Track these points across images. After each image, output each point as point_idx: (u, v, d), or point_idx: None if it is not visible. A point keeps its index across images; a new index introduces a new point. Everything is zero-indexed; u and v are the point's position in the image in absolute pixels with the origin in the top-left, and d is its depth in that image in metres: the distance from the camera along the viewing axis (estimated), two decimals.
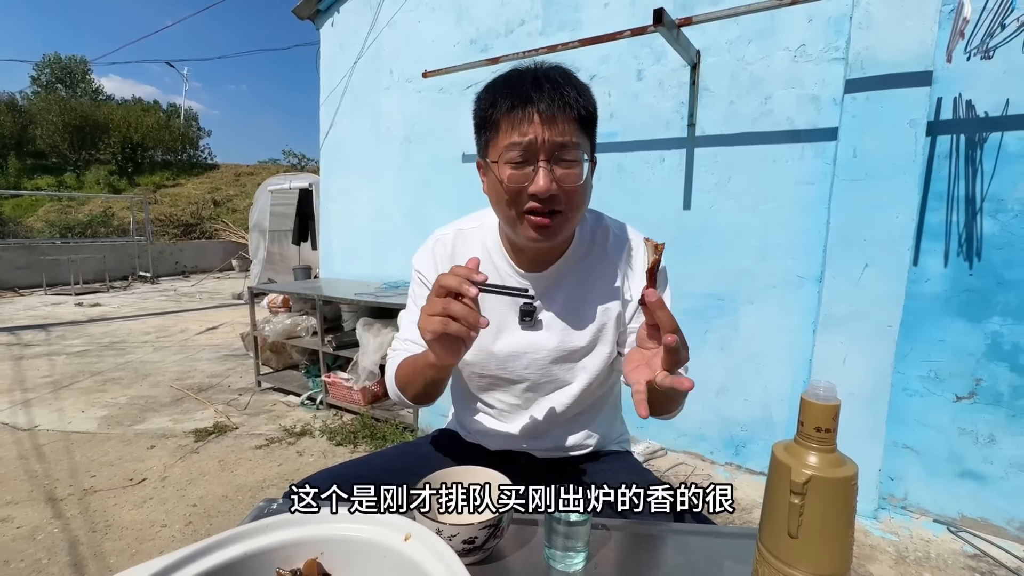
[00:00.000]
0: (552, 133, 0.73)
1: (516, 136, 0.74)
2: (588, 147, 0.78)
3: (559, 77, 0.76)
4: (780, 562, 0.52)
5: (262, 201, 7.71)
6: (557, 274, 0.88)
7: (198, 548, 0.44)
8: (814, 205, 2.18)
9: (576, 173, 0.76)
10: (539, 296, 0.88)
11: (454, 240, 0.93)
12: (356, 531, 0.47)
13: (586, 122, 0.77)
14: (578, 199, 0.78)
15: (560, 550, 0.60)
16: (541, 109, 0.72)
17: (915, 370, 2.03)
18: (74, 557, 1.75)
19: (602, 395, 0.97)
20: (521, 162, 0.75)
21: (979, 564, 1.79)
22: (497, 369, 0.91)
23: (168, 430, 2.88)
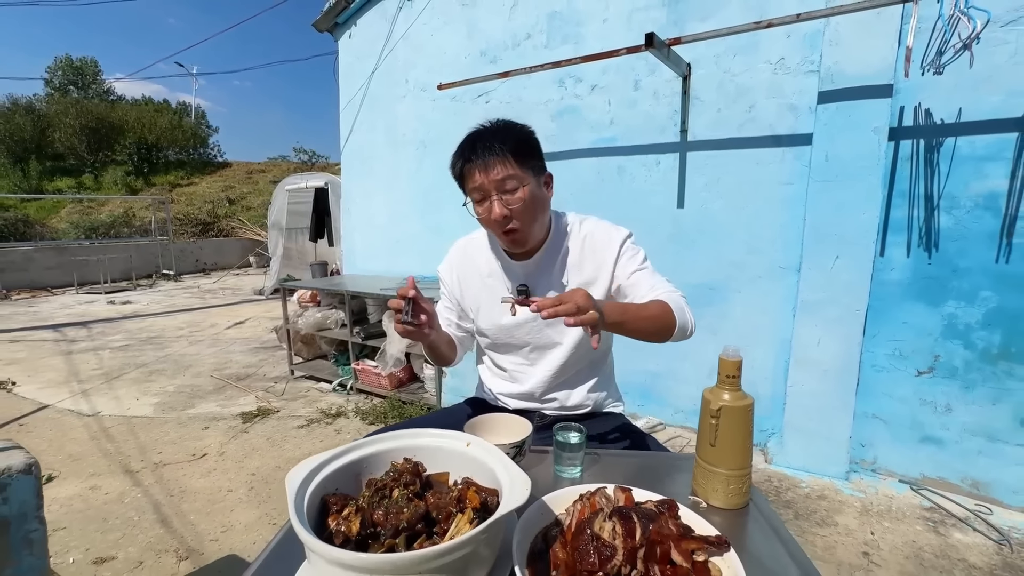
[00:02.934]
0: (490, 175, 1.03)
1: (471, 184, 1.06)
2: (529, 170, 1.06)
3: (494, 135, 1.05)
4: (707, 463, 0.81)
5: (280, 200, 8.02)
6: (539, 261, 1.18)
7: (341, 450, 0.73)
8: (794, 203, 2.43)
9: (518, 197, 1.05)
10: (530, 277, 1.19)
11: (466, 245, 1.29)
12: (434, 442, 0.76)
13: (519, 156, 1.04)
14: (529, 214, 1.07)
15: (565, 465, 0.89)
16: (478, 163, 1.04)
17: (881, 348, 2.29)
18: (159, 515, 2.09)
19: (593, 359, 1.24)
20: (481, 200, 1.07)
21: (932, 515, 2.06)
22: (506, 337, 1.23)
23: (217, 414, 3.21)
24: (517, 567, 0.60)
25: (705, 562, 0.62)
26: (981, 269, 2.08)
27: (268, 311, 6.82)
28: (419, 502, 0.64)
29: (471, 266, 1.26)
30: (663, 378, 2.87)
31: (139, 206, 15.02)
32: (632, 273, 1.14)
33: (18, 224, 12.87)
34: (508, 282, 1.21)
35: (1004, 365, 2.07)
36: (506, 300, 0.97)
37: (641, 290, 1.12)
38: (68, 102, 20.24)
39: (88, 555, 1.83)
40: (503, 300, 1.01)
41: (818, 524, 2.02)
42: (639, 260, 1.16)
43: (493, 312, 1.22)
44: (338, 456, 0.71)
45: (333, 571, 0.52)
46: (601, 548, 0.60)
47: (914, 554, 1.83)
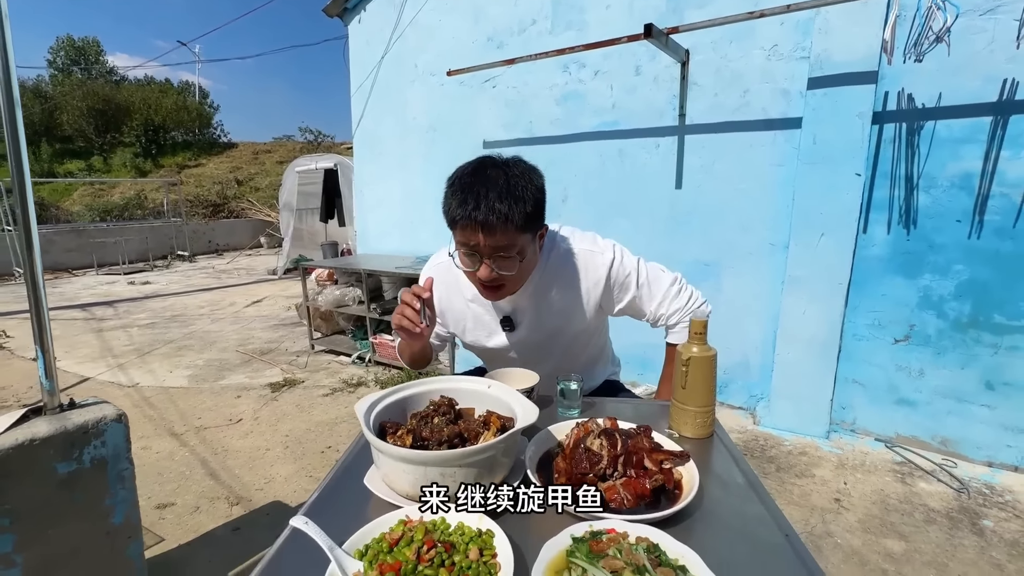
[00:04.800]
0: (488, 240, 0.96)
1: (464, 239, 1.00)
2: (530, 234, 1.01)
3: (504, 196, 0.94)
4: (679, 403, 1.01)
5: (290, 181, 8.20)
6: (521, 298, 1.16)
7: (390, 391, 0.94)
8: (784, 184, 2.58)
9: (511, 264, 1.00)
10: (513, 308, 1.19)
11: (449, 267, 1.18)
12: (462, 385, 0.97)
13: (525, 223, 0.97)
14: (517, 278, 1.05)
15: (565, 407, 1.10)
16: (480, 220, 0.94)
17: (862, 319, 2.47)
18: (208, 470, 2.34)
19: (590, 357, 1.36)
20: (470, 254, 1.02)
21: (901, 468, 2.28)
22: (493, 358, 1.31)
23: (247, 384, 3.47)
24: (529, 471, 0.81)
25: (670, 469, 0.82)
26: (955, 244, 2.24)
27: (283, 290, 7.07)
28: (453, 426, 0.84)
29: (455, 286, 1.22)
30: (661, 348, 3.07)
31: (150, 188, 15.24)
32: (630, 301, 1.19)
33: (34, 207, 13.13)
34: (492, 310, 1.21)
35: (973, 333, 2.25)
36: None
37: (645, 315, 1.22)
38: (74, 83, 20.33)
39: (150, 502, 2.09)
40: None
41: (797, 476, 2.24)
42: (633, 284, 1.17)
43: (479, 335, 1.24)
44: (389, 395, 0.92)
45: (398, 466, 0.74)
46: (591, 457, 0.81)
47: (880, 500, 2.05)
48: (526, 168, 1.02)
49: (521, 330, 1.22)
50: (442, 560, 0.60)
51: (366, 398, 0.88)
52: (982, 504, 2.02)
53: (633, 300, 1.20)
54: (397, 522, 0.69)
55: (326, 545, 0.62)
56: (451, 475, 0.73)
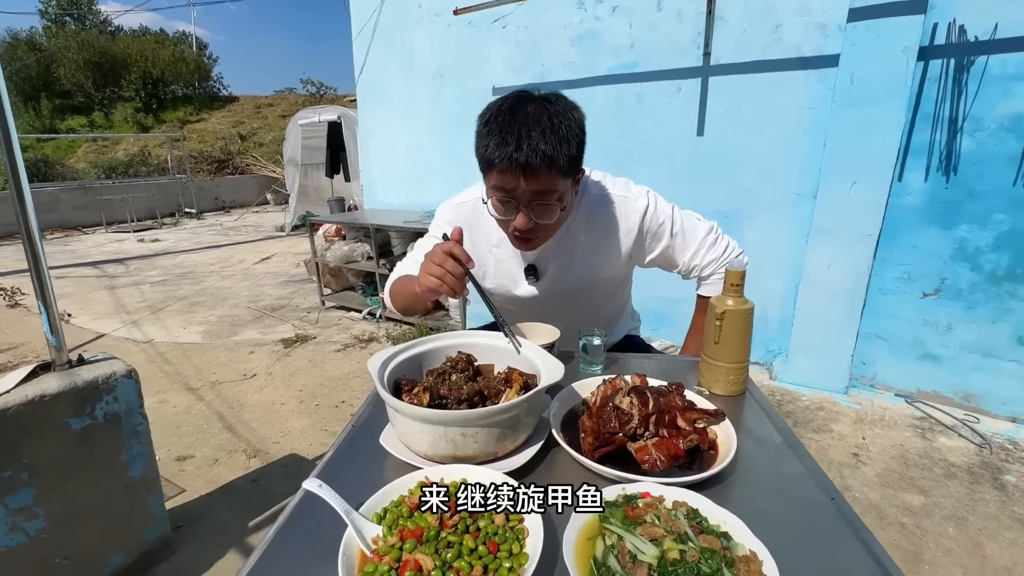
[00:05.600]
0: (530, 184, 0.88)
1: (501, 182, 0.90)
2: (570, 179, 0.92)
3: (546, 124, 0.85)
4: (710, 359, 0.95)
5: (293, 135, 7.98)
6: (549, 246, 1.08)
7: (405, 346, 0.88)
8: (814, 128, 2.42)
9: (550, 212, 0.93)
10: (538, 257, 1.11)
11: (473, 207, 1.11)
12: (481, 341, 0.91)
13: (568, 166, 0.88)
14: (553, 227, 0.99)
15: (588, 364, 1.04)
16: (522, 163, 0.85)
17: (890, 272, 2.37)
18: (225, 424, 2.37)
19: (610, 308, 1.30)
20: (505, 200, 0.93)
21: (921, 423, 2.24)
22: (516, 306, 1.21)
23: (260, 340, 3.48)
24: (554, 430, 0.77)
25: (704, 428, 0.77)
26: (998, 192, 2.11)
27: (292, 247, 7.03)
28: (473, 383, 0.79)
29: (480, 230, 1.13)
30: (679, 303, 2.99)
31: (153, 144, 15.01)
32: (662, 251, 1.11)
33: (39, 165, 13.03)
34: (517, 257, 1.13)
35: (1008, 286, 2.15)
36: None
37: (677, 267, 1.15)
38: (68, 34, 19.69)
39: (170, 454, 2.13)
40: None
41: (814, 431, 2.21)
42: (667, 233, 1.09)
43: (501, 282, 1.16)
44: (404, 350, 0.86)
45: (415, 426, 0.69)
46: (620, 416, 0.75)
47: (900, 455, 2.03)
48: (568, 104, 0.91)
49: (545, 280, 1.15)
50: (466, 526, 0.56)
51: (379, 354, 0.83)
52: (1004, 459, 1.98)
53: (666, 250, 1.12)
54: (416, 484, 0.65)
55: (342, 509, 0.58)
56: (472, 435, 0.68)
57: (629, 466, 0.72)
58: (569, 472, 0.73)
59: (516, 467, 0.70)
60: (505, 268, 1.16)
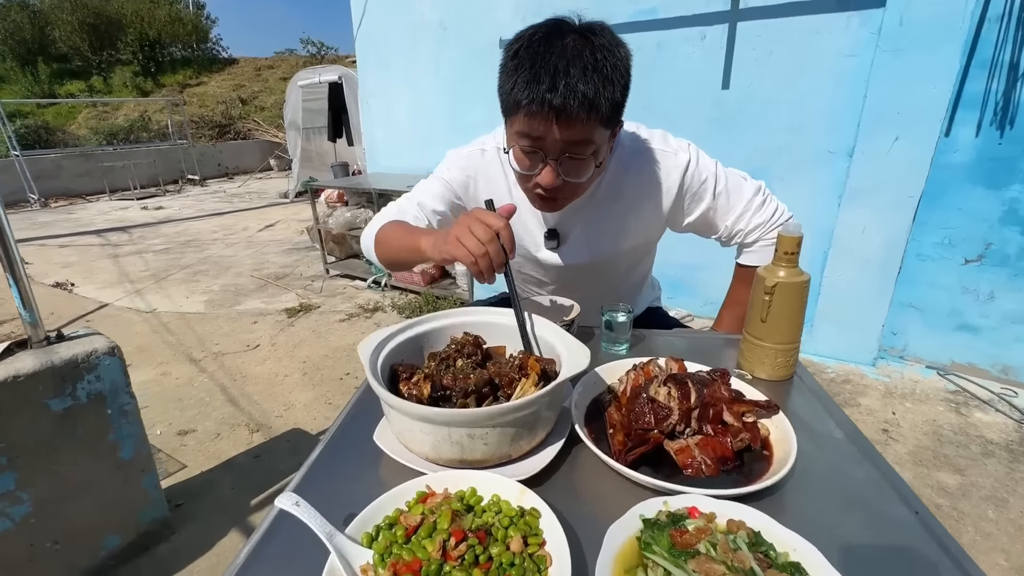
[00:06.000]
0: (564, 133, 0.73)
1: (528, 128, 0.74)
2: (605, 136, 0.78)
3: (588, 61, 0.70)
4: (754, 338, 0.82)
5: (293, 97, 7.71)
6: (574, 207, 0.93)
7: (403, 325, 0.77)
8: (853, 77, 2.20)
9: (583, 168, 0.79)
10: (561, 219, 0.97)
11: (492, 157, 0.98)
12: (490, 318, 0.79)
13: (610, 113, 0.74)
14: (583, 188, 0.85)
15: (612, 342, 0.92)
16: (556, 105, 0.69)
17: (930, 236, 2.20)
18: (227, 396, 2.31)
19: (633, 278, 1.17)
20: (531, 152, 0.78)
21: (955, 397, 2.12)
22: (533, 270, 1.08)
23: (263, 310, 3.40)
24: (577, 425, 0.65)
25: (755, 423, 0.65)
26: None
27: (296, 214, 6.90)
28: (482, 370, 0.67)
29: (496, 179, 0.98)
30: (695, 270, 2.85)
31: (153, 109, 14.71)
32: (702, 213, 0.96)
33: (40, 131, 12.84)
34: (538, 217, 0.99)
35: None
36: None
37: (717, 231, 1.00)
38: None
39: (171, 428, 2.07)
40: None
41: (841, 405, 2.10)
42: (709, 192, 0.94)
43: (522, 241, 1.02)
44: (402, 331, 0.75)
45: (415, 425, 0.58)
46: (657, 409, 0.64)
47: (933, 431, 1.92)
48: (613, 38, 0.74)
49: (567, 246, 1.01)
50: (475, 556, 0.45)
51: (372, 336, 0.71)
52: None
53: (706, 213, 0.98)
54: (415, 495, 0.54)
55: (324, 532, 0.47)
56: (482, 437, 0.56)
57: (666, 469, 0.61)
58: (595, 475, 0.62)
59: (534, 472, 0.59)
60: (523, 228, 1.01)
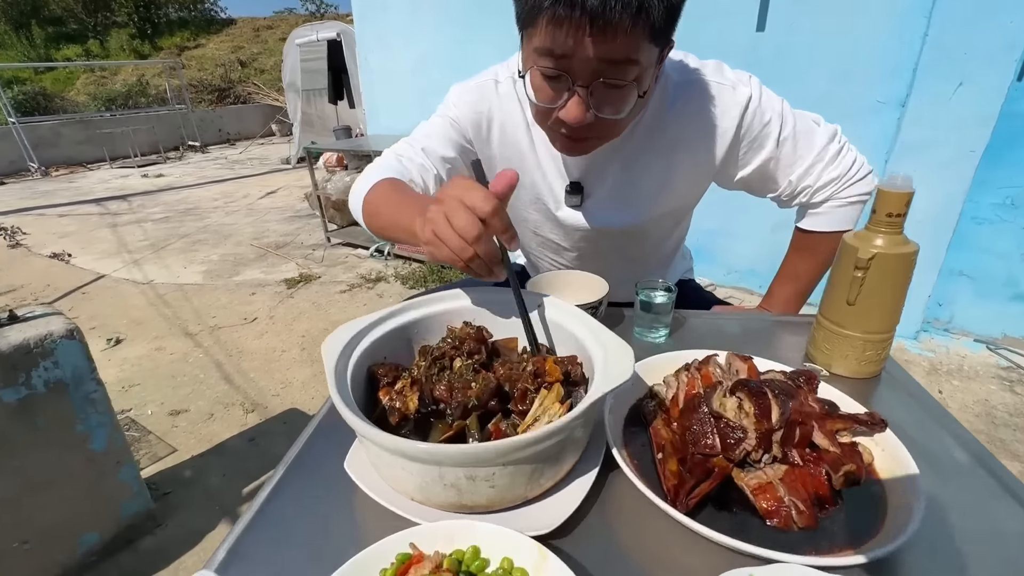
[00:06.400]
0: (600, 48, 0.54)
1: (552, 42, 0.55)
2: (653, 58, 0.59)
3: None
4: (835, 325, 0.64)
5: (291, 57, 7.36)
6: (605, 152, 0.74)
7: (387, 312, 0.60)
8: (911, 14, 1.92)
9: (623, 99, 0.59)
10: (586, 169, 0.79)
11: (509, 91, 0.79)
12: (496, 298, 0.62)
13: (662, 25, 0.55)
14: (620, 128, 0.66)
15: (647, 326, 0.75)
16: (591, 7, 0.51)
17: (989, 197, 1.97)
18: (222, 373, 2.19)
19: (666, 247, 0.99)
20: (554, 75, 0.59)
21: (1009, 374, 1.93)
22: (551, 232, 0.89)
23: (262, 280, 3.26)
24: (615, 450, 0.49)
25: (853, 444, 0.48)
26: None
27: (298, 180, 6.69)
28: (488, 374, 0.51)
29: (518, 121, 0.79)
30: (717, 236, 2.65)
31: (151, 73, 14.32)
32: (761, 165, 0.76)
33: (38, 98, 12.57)
34: (557, 163, 0.80)
35: None
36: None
37: (778, 188, 0.79)
38: None
39: (163, 408, 1.96)
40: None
41: None
42: (772, 138, 0.73)
43: (541, 195, 0.84)
44: (384, 320, 0.58)
45: (394, 461, 0.41)
46: (726, 429, 0.47)
47: (985, 412, 1.75)
48: None
49: (593, 204, 0.83)
50: None
51: (342, 328, 0.54)
52: None
53: (767, 164, 0.77)
54: (395, 560, 0.38)
55: None
56: (487, 478, 0.40)
57: (735, 508, 0.45)
58: (640, 518, 0.46)
59: (557, 524, 0.42)
60: (542, 177, 0.82)
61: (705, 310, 0.91)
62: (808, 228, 0.85)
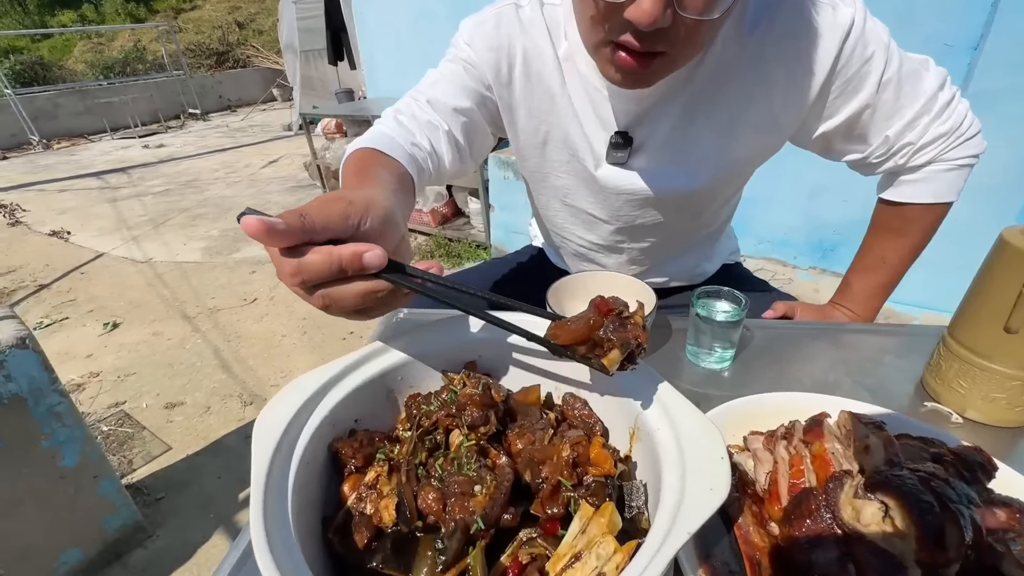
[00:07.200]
0: None
1: None
2: None
3: None
4: (978, 356, 0.46)
5: (288, 15, 6.98)
6: (668, 89, 0.59)
7: (367, 352, 0.44)
8: None
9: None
10: (636, 121, 0.63)
11: (535, 18, 0.62)
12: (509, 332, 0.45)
13: None
14: (701, 39, 0.49)
15: (707, 348, 0.58)
16: None
17: None
18: (220, 360, 2.08)
19: (717, 220, 0.82)
20: None
21: None
22: (584, 200, 0.71)
23: (263, 257, 3.12)
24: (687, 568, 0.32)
25: None
26: None
27: (300, 147, 6.45)
28: (501, 463, 0.34)
29: (547, 56, 0.63)
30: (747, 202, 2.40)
31: (147, 38, 13.88)
32: (853, 114, 0.59)
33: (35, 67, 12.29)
34: (602, 109, 0.63)
35: None
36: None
37: (869, 146, 0.62)
38: None
39: (159, 400, 1.86)
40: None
41: None
42: (873, 78, 0.57)
43: (577, 150, 0.67)
44: (353, 368, 0.41)
45: None
46: (870, 560, 0.30)
47: None
48: None
49: (644, 160, 0.64)
50: None
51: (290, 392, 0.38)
52: None
53: (860, 113, 0.60)
54: None
55: None
56: None
57: None
58: None
59: None
60: (579, 129, 0.64)
61: (766, 312, 0.73)
62: (901, 199, 0.66)
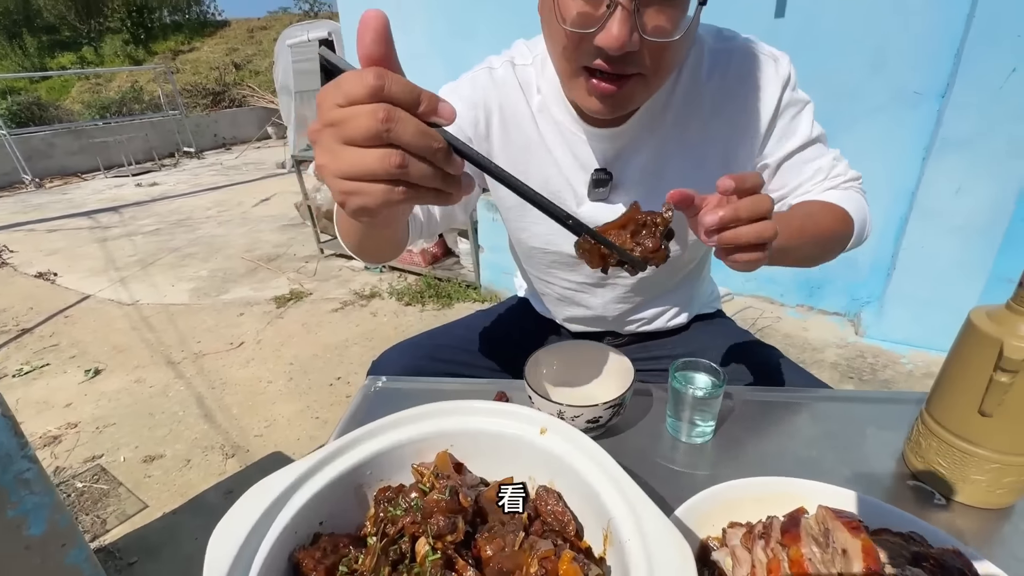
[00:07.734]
0: None
1: None
2: None
3: None
4: (957, 437, 0.46)
5: (283, 59, 7.17)
6: (637, 129, 0.64)
7: (334, 448, 0.43)
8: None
9: (677, 20, 0.49)
10: (613, 158, 0.67)
11: (507, 76, 0.68)
12: (489, 424, 0.44)
13: None
14: (669, 60, 0.53)
15: (687, 422, 0.57)
16: None
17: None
18: (203, 409, 2.03)
19: (696, 262, 0.82)
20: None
21: None
22: (569, 241, 0.74)
23: (251, 298, 3.10)
24: None
25: None
26: None
27: (293, 185, 6.47)
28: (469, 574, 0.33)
29: (519, 105, 0.68)
30: None
31: (145, 78, 14.19)
32: (795, 152, 0.65)
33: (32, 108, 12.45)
34: (576, 148, 0.67)
35: None
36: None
37: (804, 180, 0.66)
38: None
39: (138, 452, 1.80)
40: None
41: None
42: (806, 125, 0.64)
43: (567, 199, 0.70)
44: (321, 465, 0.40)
45: None
46: None
47: None
48: None
49: (622, 193, 0.68)
50: None
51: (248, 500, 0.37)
52: None
53: (789, 158, 0.65)
54: None
55: None
56: None
57: None
58: None
59: None
60: (555, 166, 0.68)
61: (760, 388, 0.72)
62: (832, 201, 0.65)
